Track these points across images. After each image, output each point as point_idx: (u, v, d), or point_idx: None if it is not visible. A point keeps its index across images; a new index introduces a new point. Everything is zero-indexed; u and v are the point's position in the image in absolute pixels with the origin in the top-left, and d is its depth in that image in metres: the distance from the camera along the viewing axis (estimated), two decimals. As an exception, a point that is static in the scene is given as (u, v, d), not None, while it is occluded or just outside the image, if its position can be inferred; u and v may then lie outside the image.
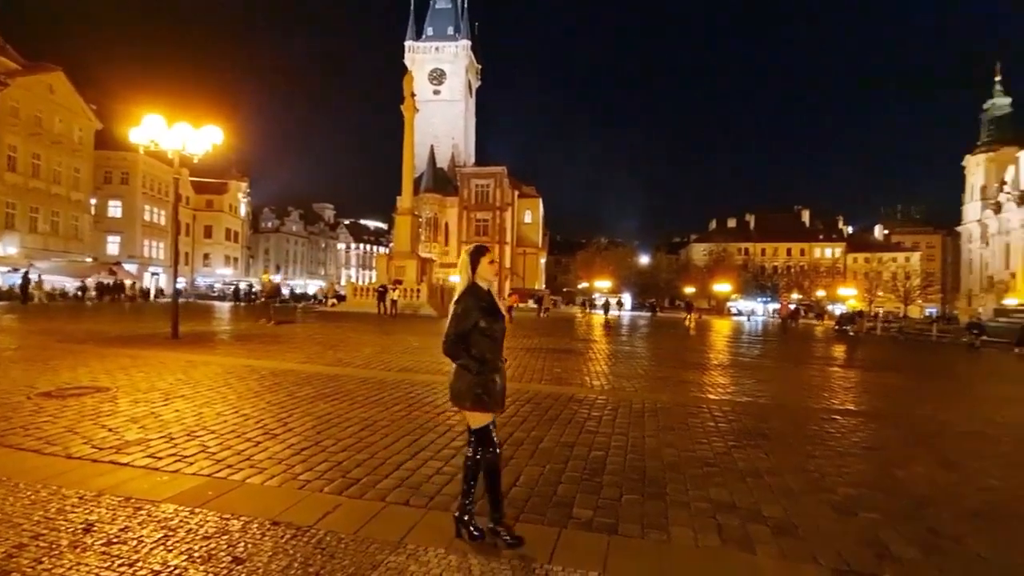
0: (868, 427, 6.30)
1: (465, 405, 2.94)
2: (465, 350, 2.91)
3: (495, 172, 67.14)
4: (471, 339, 2.91)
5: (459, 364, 2.94)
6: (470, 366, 2.90)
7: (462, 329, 2.90)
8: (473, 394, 2.89)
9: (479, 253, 3.04)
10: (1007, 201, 69.98)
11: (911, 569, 2.87)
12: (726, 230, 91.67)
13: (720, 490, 3.92)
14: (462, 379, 2.93)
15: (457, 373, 2.96)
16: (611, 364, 11.26)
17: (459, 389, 2.94)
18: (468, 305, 2.92)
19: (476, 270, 3.00)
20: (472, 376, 2.89)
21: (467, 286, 2.99)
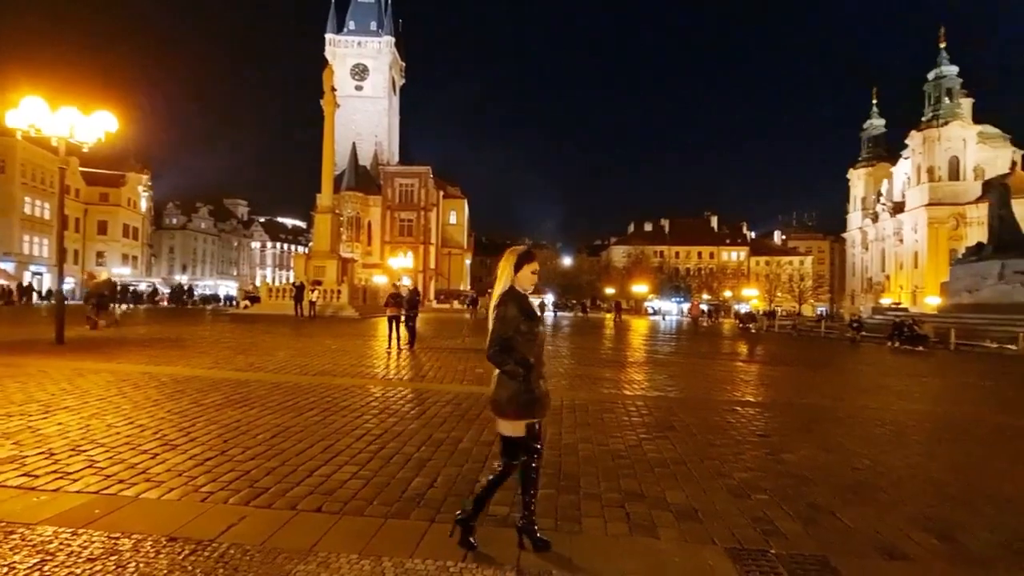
0: (763, 416, 6.84)
1: (509, 413, 2.81)
2: (510, 356, 2.78)
3: (420, 172, 66.34)
4: (514, 344, 2.79)
5: (505, 371, 2.79)
6: (517, 372, 2.77)
7: (507, 334, 2.77)
8: (521, 401, 2.77)
9: (525, 259, 2.90)
10: (883, 211, 78.32)
11: (793, 542, 3.16)
12: (643, 233, 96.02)
13: (630, 481, 4.13)
14: (506, 386, 2.79)
15: (500, 381, 2.83)
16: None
17: (504, 397, 2.80)
18: (511, 309, 2.79)
19: (517, 274, 2.88)
20: (518, 382, 2.77)
21: (507, 289, 2.86)
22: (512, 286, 2.87)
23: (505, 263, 2.89)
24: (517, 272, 2.87)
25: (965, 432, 6.51)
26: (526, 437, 2.84)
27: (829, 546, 3.12)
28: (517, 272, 2.87)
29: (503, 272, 2.89)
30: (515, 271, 2.87)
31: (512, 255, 2.90)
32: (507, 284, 2.88)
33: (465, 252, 77.55)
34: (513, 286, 2.88)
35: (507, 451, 2.90)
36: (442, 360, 11.22)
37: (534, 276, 2.92)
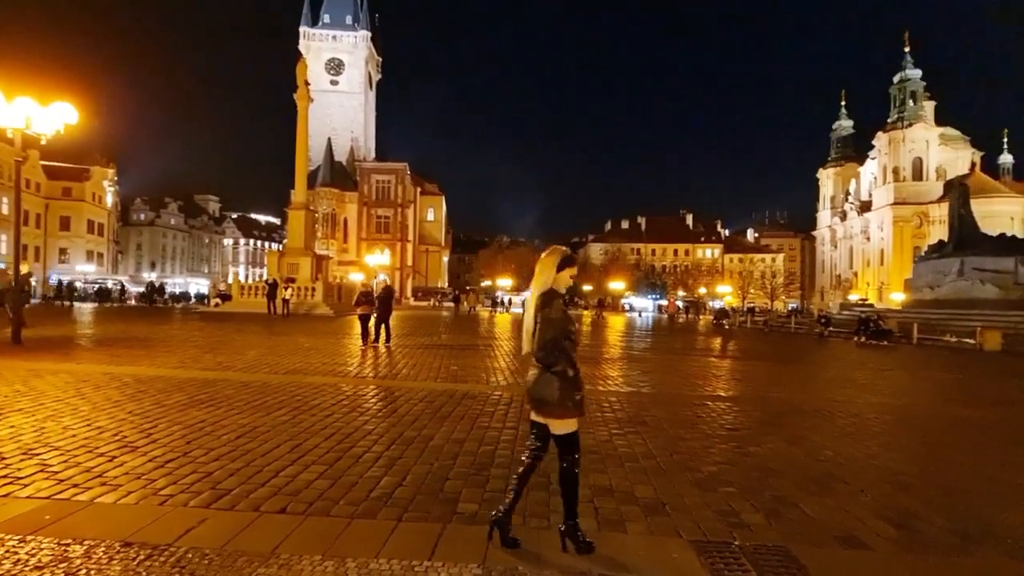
0: (732, 410, 6.96)
1: (556, 412, 2.83)
2: (561, 356, 2.81)
3: (397, 168, 65.76)
4: (563, 345, 2.82)
5: (555, 371, 2.80)
6: (566, 372, 2.80)
7: (556, 335, 2.80)
8: (567, 400, 2.80)
9: (568, 262, 2.92)
10: (851, 210, 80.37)
11: (756, 533, 3.21)
12: (620, 231, 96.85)
13: (600, 475, 4.15)
14: (551, 385, 2.80)
15: (543, 380, 2.82)
16: (509, 360, 11.46)
17: (549, 396, 2.81)
18: (560, 309, 2.83)
19: (558, 275, 2.89)
20: (562, 381, 2.79)
21: (549, 290, 2.87)
22: (552, 288, 2.88)
23: (546, 263, 2.90)
24: (558, 274, 2.88)
25: (924, 424, 6.72)
26: (570, 434, 2.89)
27: (791, 536, 3.18)
28: (558, 274, 2.88)
29: (543, 272, 2.89)
30: (556, 272, 2.88)
31: (556, 255, 2.91)
32: (547, 285, 2.88)
33: (443, 249, 77.17)
34: (553, 288, 2.88)
35: (567, 448, 2.92)
36: (417, 358, 11.14)
37: (571, 280, 2.95)
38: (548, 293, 2.86)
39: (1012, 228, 46.13)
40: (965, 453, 5.37)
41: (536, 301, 2.86)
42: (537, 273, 2.92)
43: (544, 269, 2.90)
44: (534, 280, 2.94)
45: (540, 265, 2.92)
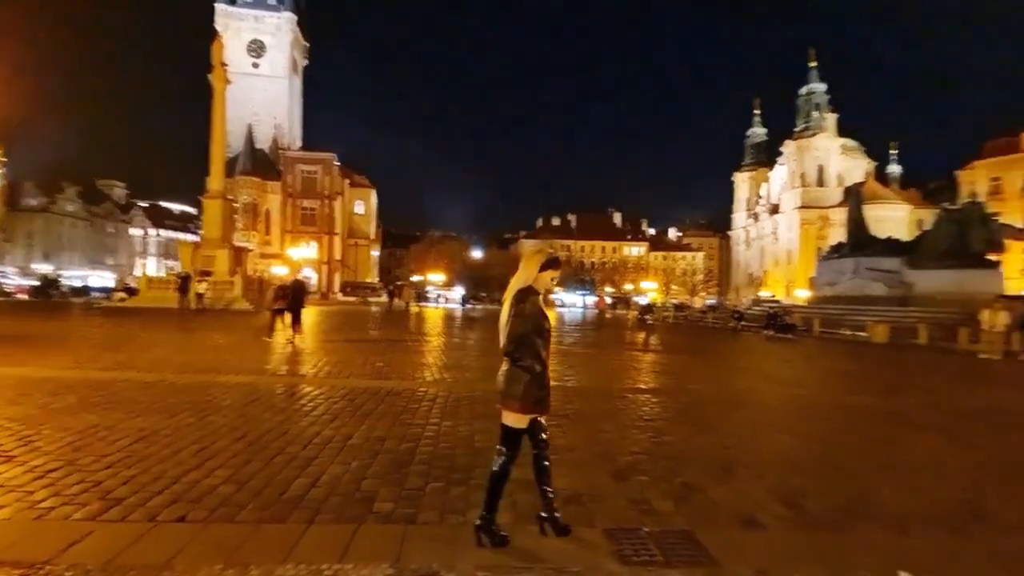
0: (651, 402, 7.26)
1: (516, 406, 2.86)
2: (528, 351, 2.84)
3: (324, 158, 63.32)
4: (531, 340, 2.85)
5: (520, 365, 2.84)
6: (534, 367, 2.84)
7: (526, 330, 2.84)
8: (529, 396, 2.84)
9: (551, 264, 2.96)
10: (762, 212, 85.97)
11: (664, 519, 3.37)
12: (551, 228, 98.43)
13: (520, 470, 4.14)
14: (518, 380, 2.84)
15: (511, 374, 2.86)
16: (437, 356, 11.36)
17: (514, 390, 2.84)
18: (531, 306, 2.86)
19: (539, 275, 2.92)
20: (528, 376, 2.83)
21: (527, 287, 2.90)
22: (531, 285, 2.92)
23: (531, 261, 2.95)
24: (540, 273, 2.93)
25: (819, 411, 7.31)
26: (531, 430, 2.95)
27: (696, 520, 3.36)
28: (540, 273, 2.93)
29: (526, 269, 2.94)
30: (538, 271, 2.93)
31: (539, 256, 2.97)
32: (526, 282, 2.92)
33: (372, 243, 75.27)
34: (532, 285, 2.92)
35: (509, 441, 2.95)
36: (341, 354, 10.80)
37: (553, 283, 3.02)
38: (525, 289, 2.90)
39: (898, 231, 51.00)
40: (853, 436, 5.89)
41: (512, 296, 2.90)
42: (520, 270, 2.97)
43: (527, 266, 2.95)
44: (515, 276, 2.97)
45: (524, 262, 2.98)
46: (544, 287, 2.97)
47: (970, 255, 25.31)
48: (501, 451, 2.97)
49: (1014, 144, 50.11)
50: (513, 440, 2.96)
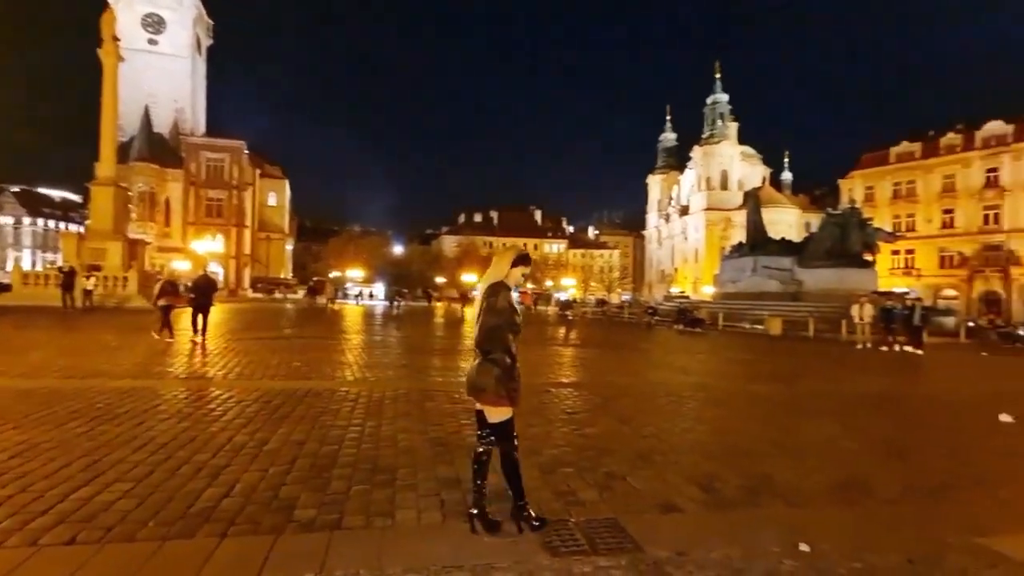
0: (572, 396, 7.45)
1: (490, 399, 2.93)
2: (499, 345, 2.90)
3: (232, 146, 59.20)
4: (503, 334, 2.92)
5: (491, 359, 2.91)
6: (504, 361, 2.90)
7: (499, 323, 2.91)
8: (502, 388, 2.90)
9: (523, 260, 3.08)
10: (673, 213, 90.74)
11: (590, 508, 3.48)
12: (473, 224, 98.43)
13: (448, 468, 4.16)
14: (488, 373, 2.90)
15: (482, 368, 2.93)
16: (358, 355, 11.02)
17: (485, 383, 2.91)
18: (507, 300, 2.93)
19: (511, 270, 3.02)
20: (501, 370, 2.89)
21: (499, 282, 2.99)
22: (502, 280, 3.00)
23: (503, 258, 3.08)
24: (512, 269, 3.04)
25: (725, 399, 7.83)
26: (504, 422, 3.01)
27: (619, 507, 3.50)
28: (512, 269, 3.04)
29: (498, 265, 3.06)
30: (510, 267, 3.03)
31: (511, 252, 3.10)
32: (498, 278, 3.01)
33: (286, 237, 71.54)
34: (504, 280, 3.01)
35: (503, 436, 3.03)
36: (254, 354, 10.19)
37: (524, 279, 3.16)
38: (497, 284, 2.99)
39: (791, 233, 55.78)
40: (755, 422, 6.37)
41: (484, 291, 2.99)
42: (492, 266, 3.10)
43: (499, 263, 3.07)
44: (487, 272, 3.09)
45: (495, 259, 3.12)
46: (515, 282, 3.08)
47: (850, 255, 28.12)
48: (503, 445, 3.06)
49: (884, 157, 56.20)
50: (506, 432, 3.04)
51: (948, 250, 50.56)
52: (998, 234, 47.54)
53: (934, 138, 52.81)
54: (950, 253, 50.37)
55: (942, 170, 51.57)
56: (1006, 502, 3.97)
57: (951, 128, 52.03)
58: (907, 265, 52.20)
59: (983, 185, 48.80)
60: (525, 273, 3.12)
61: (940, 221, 51.51)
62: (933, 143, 52.75)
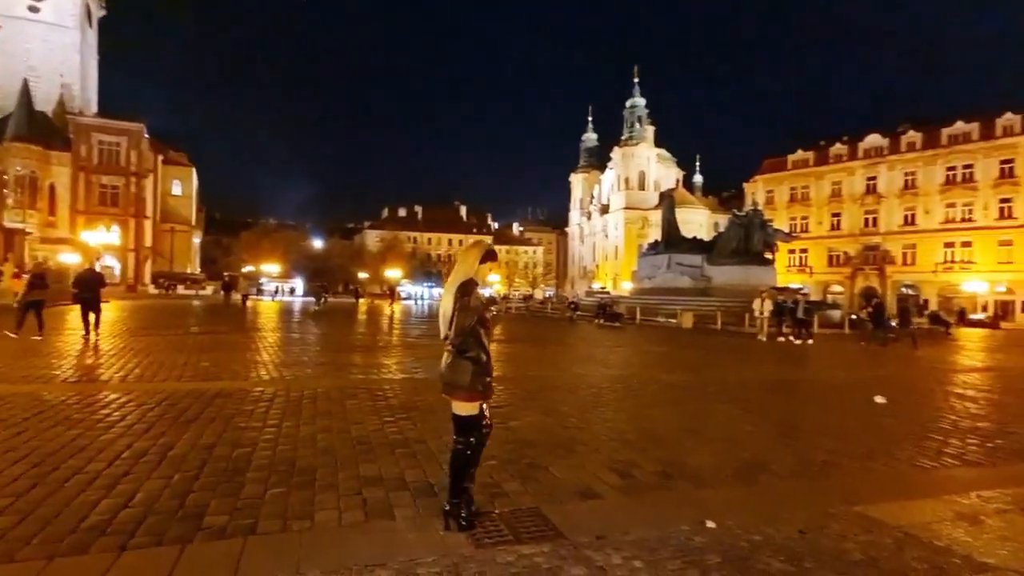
0: (497, 389, 7.43)
1: (462, 395, 2.98)
2: (474, 342, 2.96)
3: (130, 129, 54.16)
4: (476, 332, 2.97)
5: (468, 356, 2.96)
6: (479, 357, 2.97)
7: (472, 322, 2.94)
8: (478, 384, 2.96)
9: (490, 256, 3.09)
10: (594, 211, 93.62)
11: (514, 499, 3.54)
12: (397, 219, 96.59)
13: (370, 466, 4.09)
14: (462, 369, 2.95)
15: (455, 364, 2.97)
16: (274, 353, 10.51)
17: (458, 379, 2.96)
18: (479, 298, 2.97)
19: (480, 267, 3.02)
20: (475, 366, 2.95)
21: (469, 280, 2.98)
22: (472, 278, 3.00)
23: (469, 254, 3.06)
24: (480, 265, 3.03)
25: (641, 389, 8.22)
26: (471, 416, 3.04)
27: (542, 497, 3.59)
28: (480, 265, 3.03)
29: (465, 262, 3.04)
30: (479, 263, 3.02)
31: (479, 248, 3.09)
32: (468, 275, 3.00)
33: (193, 229, 66.64)
34: (473, 278, 3.00)
35: (463, 430, 3.06)
36: (155, 354, 9.45)
37: (492, 273, 3.18)
38: (468, 283, 2.98)
39: (701, 232, 59.39)
40: (668, 409, 6.74)
41: (455, 290, 2.97)
42: (459, 263, 3.08)
43: (466, 259, 3.06)
44: (455, 270, 3.07)
45: (462, 255, 3.10)
46: (484, 278, 3.09)
47: (753, 254, 30.33)
48: (458, 440, 3.07)
49: (783, 164, 61.09)
50: (467, 428, 3.06)
51: (835, 250, 55.82)
52: (876, 236, 53.07)
53: (824, 148, 58.01)
54: (837, 252, 55.62)
55: (831, 177, 56.81)
56: (880, 474, 4.47)
57: (838, 139, 57.37)
58: (801, 263, 57.09)
59: (864, 192, 54.24)
60: (493, 268, 3.13)
61: (829, 223, 56.73)
62: (823, 152, 57.95)
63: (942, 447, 5.27)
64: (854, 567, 2.80)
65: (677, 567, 2.73)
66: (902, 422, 6.38)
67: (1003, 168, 46.49)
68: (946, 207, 49.31)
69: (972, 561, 2.91)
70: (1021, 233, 45.21)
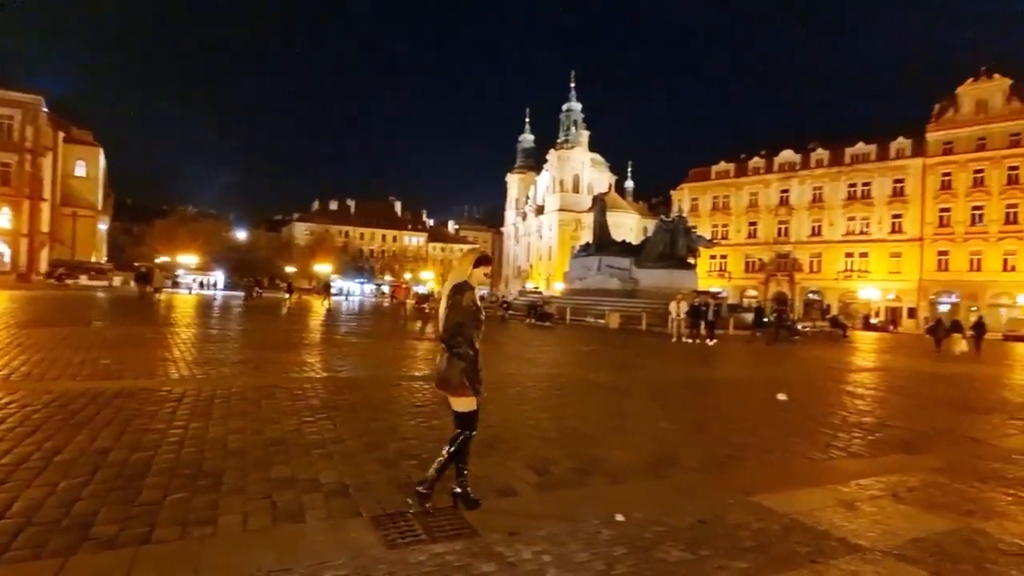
0: (423, 389, 7.48)
1: (457, 391, 3.20)
2: (463, 339, 3.15)
3: (25, 101, 48.97)
4: (465, 329, 3.17)
5: (456, 353, 3.15)
6: (468, 354, 3.17)
7: (461, 319, 3.16)
8: (470, 380, 3.18)
9: (483, 261, 3.35)
10: (530, 212, 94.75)
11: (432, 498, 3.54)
12: (329, 212, 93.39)
13: (282, 468, 3.95)
14: (455, 367, 3.16)
15: (449, 361, 3.17)
16: (187, 350, 9.89)
17: (451, 376, 3.17)
18: (467, 298, 3.19)
19: (473, 271, 3.28)
20: (465, 363, 3.16)
21: (463, 281, 3.24)
22: (466, 280, 3.26)
23: (465, 260, 3.35)
24: (474, 269, 3.29)
25: (567, 388, 8.43)
26: (471, 411, 3.28)
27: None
28: (474, 269, 3.29)
29: (460, 266, 3.34)
30: (472, 268, 3.29)
31: (472, 254, 3.37)
32: (461, 278, 3.26)
33: (99, 215, 61.23)
34: (467, 280, 3.26)
35: (464, 424, 3.29)
36: (47, 351, 8.64)
37: (486, 277, 3.42)
38: (461, 284, 3.24)
39: (631, 236, 61.48)
40: (591, 407, 6.95)
41: (449, 290, 3.23)
42: (455, 267, 3.38)
43: (461, 264, 3.35)
44: (451, 273, 3.37)
45: (458, 261, 3.38)
46: (478, 282, 3.34)
47: (677, 258, 31.77)
48: (461, 433, 3.29)
49: (707, 174, 64.51)
50: (468, 422, 3.30)
51: (752, 256, 59.58)
52: (787, 244, 57.15)
53: (744, 161, 61.73)
54: (753, 259, 59.42)
55: (749, 188, 60.58)
56: (776, 466, 4.83)
57: (757, 153, 61.23)
58: (721, 268, 60.47)
59: (778, 203, 58.24)
60: (487, 273, 3.39)
61: (747, 232, 60.47)
62: (743, 165, 61.66)
63: (831, 440, 5.77)
64: (745, 553, 3.02)
65: (584, 559, 2.84)
66: (799, 418, 6.93)
67: (895, 187, 51.45)
68: (847, 220, 53.93)
69: (846, 543, 3.21)
70: (909, 246, 50.21)
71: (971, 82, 48.34)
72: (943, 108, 50.01)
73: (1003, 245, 45.97)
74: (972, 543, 3.31)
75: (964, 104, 48.63)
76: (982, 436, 6.48)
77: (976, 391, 10.60)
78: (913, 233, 50.07)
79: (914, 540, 3.29)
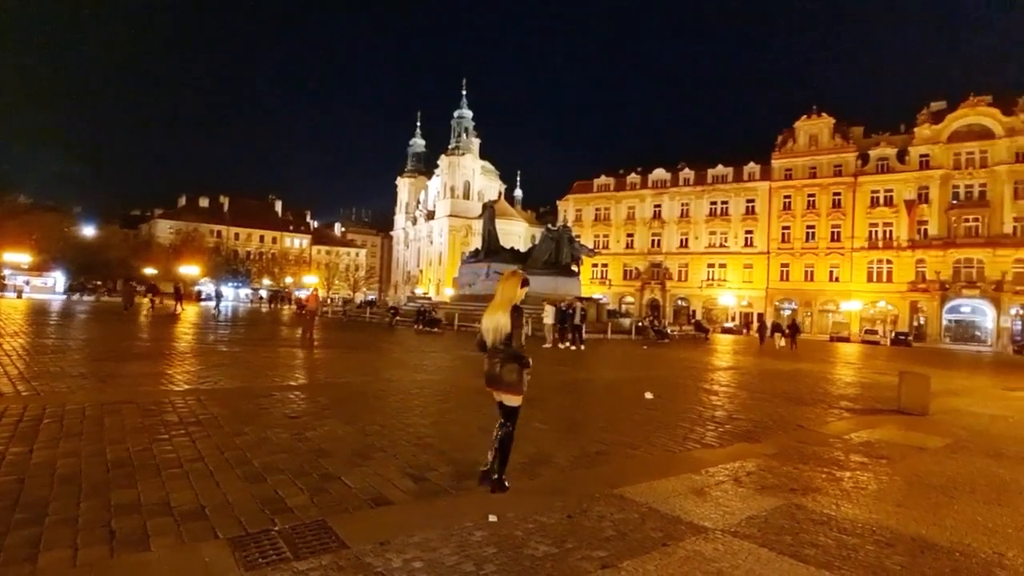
0: (299, 399, 7.11)
1: (515, 390, 3.88)
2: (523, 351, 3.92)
3: None
4: (523, 343, 3.95)
5: (524, 362, 3.87)
6: (528, 362, 3.91)
7: (522, 333, 3.93)
8: (524, 382, 3.90)
9: (526, 284, 4.07)
10: (420, 216, 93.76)
11: (298, 514, 3.37)
12: (198, 209, 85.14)
13: (125, 492, 3.56)
14: (515, 372, 3.84)
15: (508, 366, 3.83)
16: (11, 362, 8.49)
17: (513, 380, 3.86)
18: (523, 320, 3.93)
19: (519, 291, 4.00)
20: (523, 369, 3.86)
21: (518, 305, 3.95)
22: (517, 303, 3.95)
23: (512, 284, 4.02)
24: (520, 290, 4.00)
25: (448, 394, 8.46)
26: (517, 407, 3.96)
27: (330, 509, 3.49)
28: (520, 290, 4.00)
29: (510, 290, 3.99)
30: (519, 289, 3.99)
31: (516, 278, 4.05)
32: (515, 301, 3.95)
33: None
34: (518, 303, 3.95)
35: (511, 417, 3.94)
36: None
37: (524, 296, 4.05)
38: (517, 307, 3.92)
39: (519, 243, 63.30)
40: (470, 413, 7.01)
41: (510, 312, 3.87)
42: (503, 290, 4.00)
43: (511, 287, 3.99)
44: (501, 296, 3.98)
45: (505, 285, 4.03)
46: (521, 300, 3.99)
47: (562, 266, 33.17)
48: (507, 425, 3.91)
49: (590, 186, 68.29)
50: (514, 415, 3.95)
51: (629, 265, 63.97)
52: (660, 255, 62.19)
53: (623, 176, 66.19)
54: (631, 268, 63.82)
55: (627, 202, 65.03)
56: (639, 459, 5.23)
57: (634, 169, 65.90)
58: (602, 276, 64.12)
59: (652, 216, 63.18)
60: (527, 292, 4.07)
61: (625, 242, 64.81)
62: (622, 180, 66.06)
63: (688, 434, 6.37)
64: (606, 542, 3.25)
65: (455, 562, 2.88)
66: (663, 414, 7.55)
67: (748, 206, 58.22)
68: (709, 234, 60.07)
69: (693, 525, 3.57)
70: (758, 259, 56.99)
71: (805, 118, 56.40)
72: (784, 139, 57.56)
73: (829, 260, 53.98)
74: (792, 516, 3.84)
75: (800, 137, 56.45)
76: (807, 424, 7.50)
77: (806, 385, 12.24)
78: (762, 247, 56.93)
79: (748, 518, 3.75)
